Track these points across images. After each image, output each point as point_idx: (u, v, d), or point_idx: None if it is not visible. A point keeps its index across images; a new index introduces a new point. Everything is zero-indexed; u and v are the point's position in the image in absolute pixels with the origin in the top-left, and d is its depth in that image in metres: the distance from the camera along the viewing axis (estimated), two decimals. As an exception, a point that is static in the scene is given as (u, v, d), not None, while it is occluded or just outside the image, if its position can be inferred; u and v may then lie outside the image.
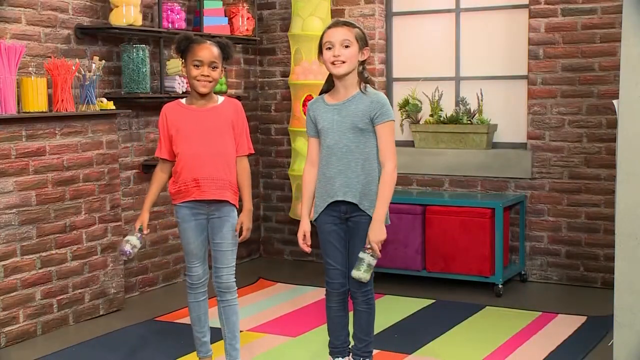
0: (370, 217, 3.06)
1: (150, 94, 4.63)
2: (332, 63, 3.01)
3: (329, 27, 3.05)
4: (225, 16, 5.25)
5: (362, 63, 3.08)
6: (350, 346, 3.28)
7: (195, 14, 5.13)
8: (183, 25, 4.87)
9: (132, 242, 3.19)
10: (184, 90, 4.82)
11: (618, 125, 2.93)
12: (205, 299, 3.33)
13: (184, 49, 3.18)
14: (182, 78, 4.81)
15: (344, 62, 2.99)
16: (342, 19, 3.10)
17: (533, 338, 3.89)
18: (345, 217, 3.12)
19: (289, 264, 5.68)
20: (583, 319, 4.19)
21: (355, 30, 3.02)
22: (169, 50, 4.94)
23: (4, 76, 3.76)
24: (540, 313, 4.30)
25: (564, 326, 4.07)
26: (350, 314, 3.25)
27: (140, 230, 3.23)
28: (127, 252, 3.17)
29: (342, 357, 3.27)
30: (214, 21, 5.11)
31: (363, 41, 3.04)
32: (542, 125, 4.98)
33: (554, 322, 4.15)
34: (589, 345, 3.77)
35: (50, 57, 4.18)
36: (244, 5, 5.35)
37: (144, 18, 4.71)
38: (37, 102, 3.92)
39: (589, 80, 4.85)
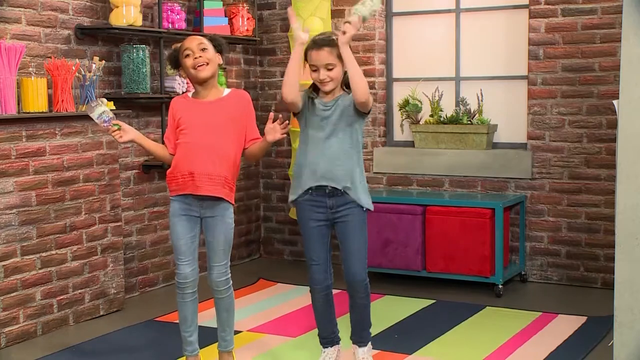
0: (360, 206, 3.16)
1: (150, 95, 4.64)
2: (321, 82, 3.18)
3: (312, 49, 3.16)
4: (226, 16, 5.26)
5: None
6: (350, 337, 3.38)
7: (195, 14, 5.14)
8: (183, 25, 4.87)
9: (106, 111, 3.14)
10: (184, 91, 4.82)
11: (618, 125, 2.93)
12: (194, 300, 3.30)
13: (176, 59, 3.23)
14: (182, 78, 4.81)
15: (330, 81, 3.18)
16: (321, 38, 3.18)
17: (533, 338, 3.89)
18: (332, 212, 3.17)
19: (289, 264, 5.68)
20: (583, 319, 4.19)
21: (335, 50, 3.13)
22: (169, 50, 4.93)
23: (4, 76, 3.77)
24: (541, 313, 4.30)
25: (564, 326, 4.07)
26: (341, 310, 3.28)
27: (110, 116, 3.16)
28: (107, 120, 3.13)
29: (332, 346, 3.36)
30: (214, 21, 5.12)
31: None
32: (542, 125, 4.98)
33: (554, 322, 4.15)
34: (589, 345, 3.77)
35: (50, 57, 4.18)
36: (244, 5, 5.35)
37: (144, 18, 4.72)
38: (37, 102, 3.92)
39: (589, 80, 4.85)
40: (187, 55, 3.16)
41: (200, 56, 3.15)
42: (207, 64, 3.16)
